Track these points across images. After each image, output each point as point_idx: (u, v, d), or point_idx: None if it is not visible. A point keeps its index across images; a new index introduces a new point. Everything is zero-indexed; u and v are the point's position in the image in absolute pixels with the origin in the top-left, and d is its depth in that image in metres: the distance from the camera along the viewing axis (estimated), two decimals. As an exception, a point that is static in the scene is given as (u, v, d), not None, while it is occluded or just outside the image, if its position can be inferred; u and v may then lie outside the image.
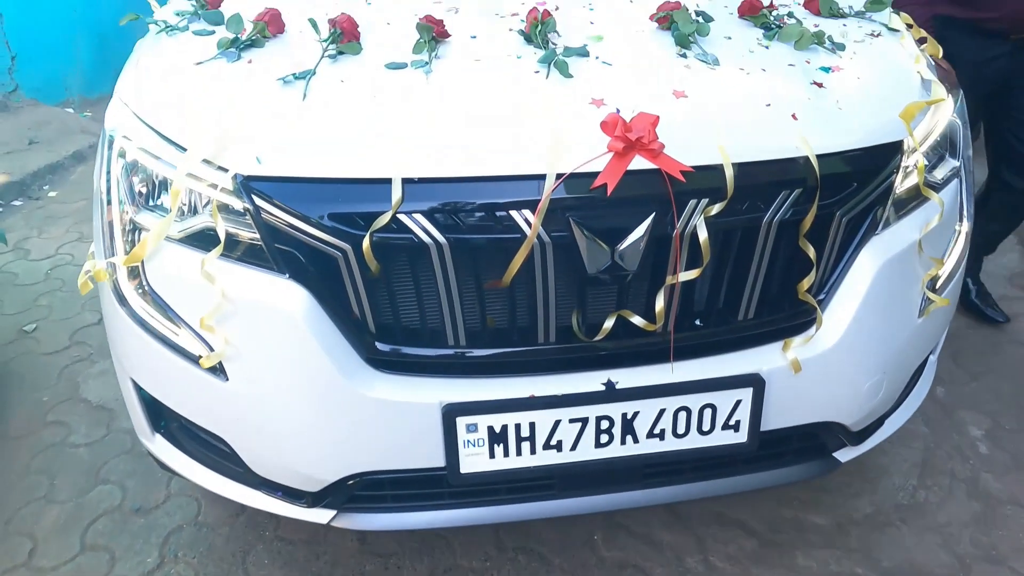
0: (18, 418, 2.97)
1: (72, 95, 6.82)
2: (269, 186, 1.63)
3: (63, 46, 6.67)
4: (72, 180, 5.39)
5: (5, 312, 3.65)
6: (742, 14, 2.10)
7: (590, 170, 1.57)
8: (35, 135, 5.90)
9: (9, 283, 3.85)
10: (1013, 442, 2.78)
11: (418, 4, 2.11)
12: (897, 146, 1.83)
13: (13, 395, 3.09)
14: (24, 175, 5.21)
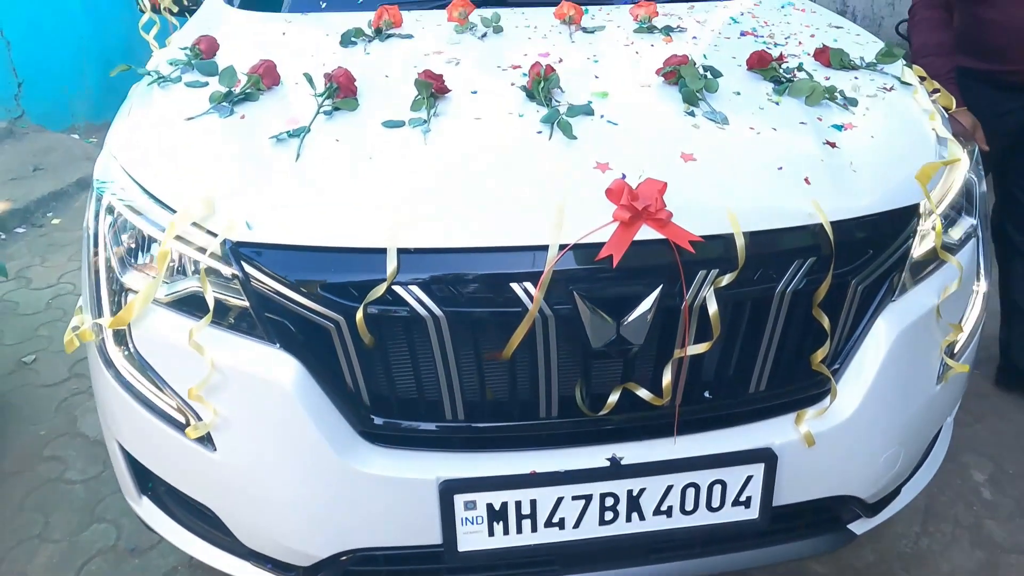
0: (14, 452, 2.90)
1: (78, 121, 6.79)
2: (259, 253, 1.55)
3: (69, 72, 6.65)
4: (76, 207, 5.33)
5: (4, 342, 3.57)
6: (751, 67, 2.02)
7: (595, 240, 1.47)
8: (40, 161, 5.86)
9: (10, 312, 3.79)
10: (1016, 487, 2.69)
11: (418, 55, 2.04)
12: (914, 209, 1.74)
13: (9, 428, 3.02)
14: (28, 202, 5.16)
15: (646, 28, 2.28)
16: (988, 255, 2.07)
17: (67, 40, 6.55)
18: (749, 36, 2.30)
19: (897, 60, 2.13)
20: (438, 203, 1.55)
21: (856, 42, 2.32)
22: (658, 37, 2.22)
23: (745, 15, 2.50)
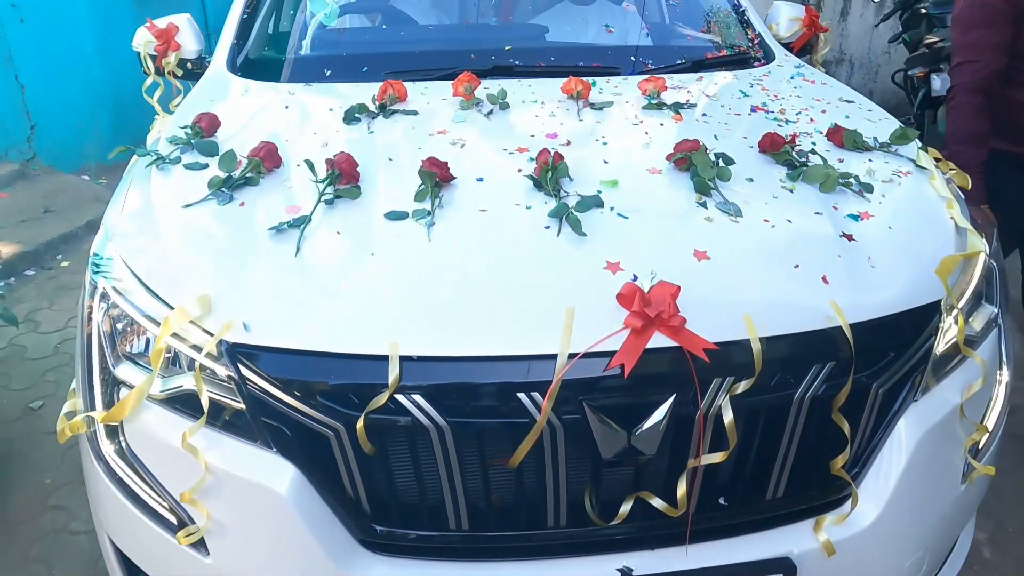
0: (19, 501, 2.84)
1: (88, 162, 6.76)
2: (257, 355, 1.46)
3: (81, 114, 6.64)
4: (85, 250, 5.24)
5: (12, 388, 3.51)
6: (763, 149, 1.94)
7: (605, 349, 1.38)
8: (50, 203, 5.84)
9: (18, 357, 3.74)
10: (1017, 546, 2.60)
11: (423, 134, 1.97)
12: (935, 306, 1.65)
13: (15, 476, 2.96)
14: (38, 244, 5.12)
15: (655, 105, 2.20)
16: (1011, 342, 1.98)
17: (80, 83, 6.55)
18: (760, 112, 2.22)
19: (911, 142, 2.05)
20: (442, 308, 1.46)
21: (868, 119, 2.23)
22: (667, 115, 2.14)
23: (755, 87, 2.43)
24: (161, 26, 2.77)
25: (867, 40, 7.09)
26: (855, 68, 7.58)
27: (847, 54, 7.58)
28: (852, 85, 7.42)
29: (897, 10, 5.84)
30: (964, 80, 2.63)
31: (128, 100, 7.01)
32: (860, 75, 7.55)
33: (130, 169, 2.06)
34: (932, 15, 5.48)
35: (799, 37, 2.99)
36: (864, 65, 7.47)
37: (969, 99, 2.61)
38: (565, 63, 2.52)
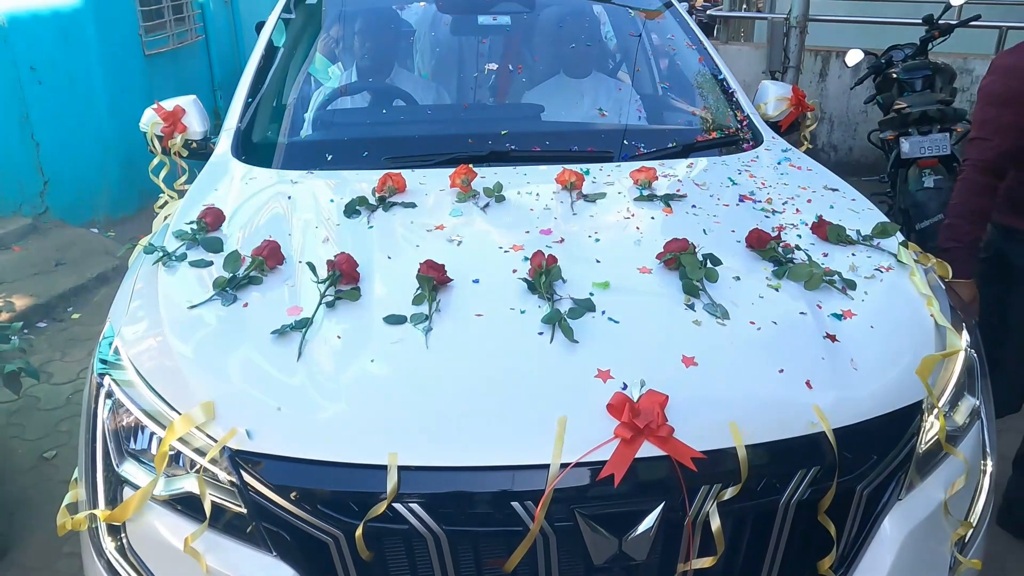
0: (34, 548, 2.87)
1: (98, 216, 6.79)
2: (258, 462, 1.46)
3: (91, 170, 6.69)
4: (95, 302, 5.30)
5: (26, 437, 3.55)
6: (750, 245, 1.94)
7: (596, 459, 1.39)
8: (62, 256, 5.84)
9: (31, 407, 3.77)
10: None
11: (421, 230, 1.98)
12: (917, 406, 1.65)
13: (30, 523, 2.98)
14: (50, 297, 5.13)
15: (646, 196, 2.19)
16: (992, 430, 1.97)
17: (91, 140, 6.60)
18: (748, 201, 2.22)
19: (891, 236, 2.05)
20: (439, 418, 1.46)
21: (852, 209, 2.23)
22: (658, 207, 2.14)
23: (743, 173, 2.43)
24: (168, 108, 2.76)
25: (845, 99, 7.14)
26: (835, 126, 7.63)
27: (827, 113, 7.64)
28: (832, 142, 7.54)
29: (870, 74, 5.91)
30: (973, 156, 2.60)
31: (136, 157, 7.04)
32: (840, 132, 7.61)
33: (135, 261, 2.06)
34: (902, 80, 5.54)
35: (787, 116, 3.00)
36: (843, 123, 7.53)
37: (975, 176, 2.58)
38: (560, 148, 2.53)
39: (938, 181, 5.11)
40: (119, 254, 2.13)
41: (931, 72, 5.51)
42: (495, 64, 3.13)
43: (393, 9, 3.36)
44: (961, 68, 6.97)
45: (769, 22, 7.56)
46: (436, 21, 3.38)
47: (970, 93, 7.05)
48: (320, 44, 3.17)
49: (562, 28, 3.22)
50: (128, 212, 7.11)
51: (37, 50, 5.96)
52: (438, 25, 3.37)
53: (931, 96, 5.34)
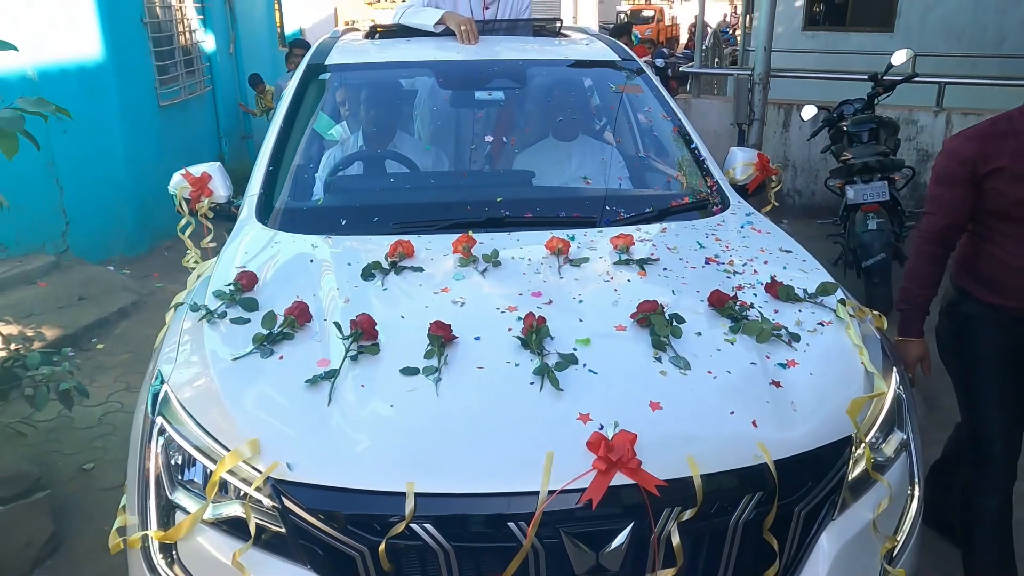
0: (84, 544, 3.18)
1: (114, 254, 7.00)
2: (297, 490, 1.67)
3: (109, 212, 6.89)
4: (116, 334, 5.53)
5: (65, 452, 3.84)
6: (711, 304, 2.13)
7: (577, 486, 1.61)
8: (84, 291, 6.04)
9: (67, 427, 3.98)
10: None
11: (429, 292, 2.17)
12: (847, 441, 1.87)
13: (78, 525, 3.30)
14: (76, 328, 5.34)
15: (624, 261, 2.36)
16: (919, 459, 2.16)
17: (109, 184, 6.79)
18: (712, 264, 2.40)
19: (832, 294, 2.26)
20: (447, 453, 1.68)
21: (802, 269, 2.44)
22: (634, 270, 2.31)
23: (710, 237, 2.60)
24: (196, 174, 2.93)
25: (807, 147, 7.38)
26: (798, 172, 7.89)
27: (791, 160, 7.90)
28: (796, 187, 7.79)
29: (824, 127, 6.18)
30: (924, 229, 2.67)
31: (149, 201, 7.28)
32: (802, 178, 7.86)
33: (175, 316, 2.26)
34: (850, 132, 5.80)
35: (753, 180, 3.14)
36: (805, 170, 7.78)
37: (925, 247, 2.66)
38: (549, 214, 2.72)
39: (880, 224, 5.38)
40: (167, 316, 2.30)
41: (876, 125, 5.79)
42: (491, 137, 3.31)
43: (398, 84, 3.55)
44: (907, 120, 7.27)
45: (735, 78, 7.83)
46: (436, 95, 3.55)
47: (916, 142, 7.34)
48: (332, 116, 3.37)
49: (550, 98, 3.42)
50: (142, 251, 7.30)
51: (63, 101, 6.19)
52: (438, 98, 3.55)
53: (873, 148, 5.61)
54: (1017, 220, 2.52)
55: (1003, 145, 2.50)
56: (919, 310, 2.67)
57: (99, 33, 6.64)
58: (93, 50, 6.60)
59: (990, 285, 2.64)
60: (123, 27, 6.93)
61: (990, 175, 2.51)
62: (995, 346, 2.65)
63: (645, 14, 32.37)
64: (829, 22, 14.63)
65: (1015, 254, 2.55)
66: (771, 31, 6.85)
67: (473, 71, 3.43)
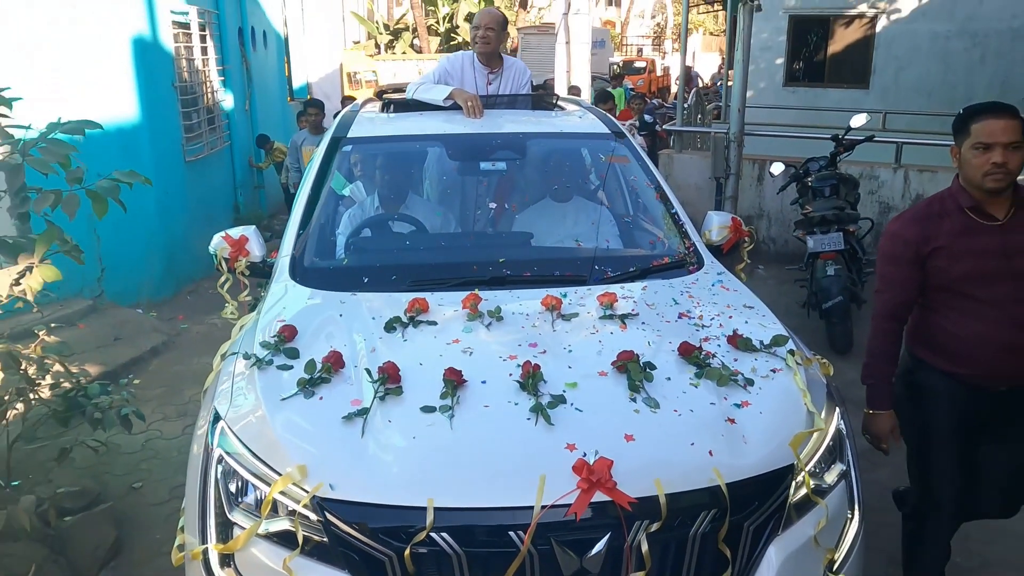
0: (140, 549, 3.60)
1: (141, 299, 7.29)
2: (338, 506, 1.96)
3: (140, 260, 7.16)
4: (150, 371, 5.85)
5: (116, 474, 4.24)
6: (681, 353, 2.40)
7: (565, 502, 1.91)
8: (118, 333, 6.33)
9: (116, 452, 4.28)
10: None
11: (442, 344, 2.44)
12: (789, 468, 2.14)
13: (132, 534, 3.70)
14: (115, 366, 5.66)
15: (608, 316, 2.60)
16: (859, 488, 2.40)
17: (141, 234, 7.07)
18: (684, 318, 2.65)
19: (784, 345, 2.50)
20: (461, 476, 1.99)
21: (761, 323, 2.67)
22: (616, 324, 2.56)
23: (684, 294, 2.85)
24: (235, 236, 3.20)
25: (780, 199, 7.66)
26: (772, 221, 8.20)
27: (765, 210, 8.22)
28: (771, 236, 8.12)
29: (791, 182, 6.57)
30: (878, 307, 2.77)
31: (176, 249, 7.59)
32: (776, 227, 8.16)
33: (224, 365, 2.55)
34: (814, 187, 6.20)
35: (728, 241, 3.33)
36: (779, 220, 8.09)
37: (881, 323, 2.76)
38: (545, 273, 2.96)
39: (837, 270, 5.74)
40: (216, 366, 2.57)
41: (837, 181, 6.19)
42: (494, 204, 3.61)
43: (411, 154, 3.85)
44: (869, 175, 7.64)
45: (713, 136, 8.21)
46: (446, 163, 3.80)
47: (878, 195, 7.69)
48: (354, 183, 3.69)
49: (547, 166, 3.72)
50: (167, 295, 7.61)
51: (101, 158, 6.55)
52: (447, 167, 3.80)
53: (831, 202, 6.00)
54: (960, 294, 2.64)
55: (940, 226, 2.63)
56: (884, 384, 2.76)
57: (136, 97, 7.05)
58: (130, 112, 6.98)
59: (941, 353, 2.73)
60: (157, 91, 7.31)
61: (932, 254, 2.63)
62: (947, 413, 2.74)
63: (637, 65, 32.47)
64: (808, 79, 15.05)
65: (961, 324, 2.65)
66: (744, 93, 7.22)
67: (479, 144, 3.71)
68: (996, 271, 2.59)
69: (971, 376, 2.68)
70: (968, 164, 2.57)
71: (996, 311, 2.60)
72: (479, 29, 4.22)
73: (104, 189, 3.06)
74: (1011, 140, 2.48)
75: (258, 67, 11.21)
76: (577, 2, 15.91)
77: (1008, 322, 2.59)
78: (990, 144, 2.49)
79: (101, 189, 3.06)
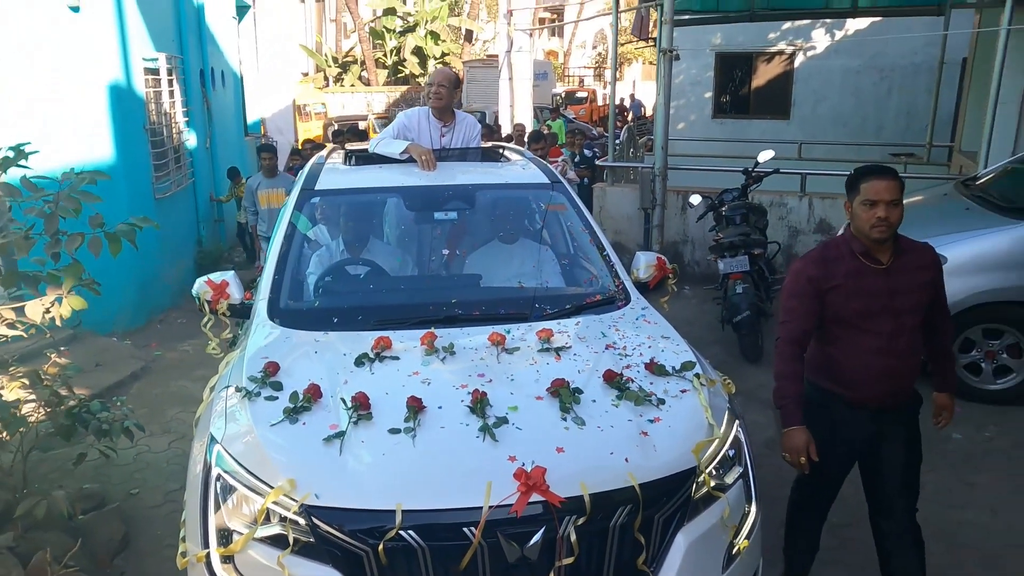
0: (144, 543, 3.97)
1: (117, 328, 7.43)
2: (323, 512, 2.26)
3: (115, 290, 7.26)
4: (132, 393, 6.04)
5: (113, 482, 4.54)
6: (606, 380, 2.68)
7: (507, 503, 2.23)
8: (99, 359, 6.52)
9: (110, 464, 4.48)
10: None
11: (404, 375, 2.73)
12: (692, 470, 2.46)
13: (137, 531, 4.07)
14: (100, 389, 5.84)
15: (545, 349, 2.88)
16: (756, 486, 2.71)
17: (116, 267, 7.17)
18: (611, 349, 2.93)
19: (691, 370, 2.81)
20: (422, 484, 2.30)
21: (675, 351, 2.96)
22: (552, 356, 2.85)
23: (611, 328, 3.12)
24: (216, 281, 3.42)
25: (702, 225, 8.09)
26: (695, 246, 8.60)
27: (689, 236, 8.62)
28: (696, 259, 8.60)
29: (708, 211, 7.05)
30: (783, 334, 2.94)
31: (148, 280, 7.75)
32: (699, 251, 8.52)
33: (213, 396, 2.80)
34: (727, 216, 6.71)
35: (654, 278, 3.60)
36: (701, 245, 8.46)
37: (787, 349, 2.92)
38: (492, 312, 3.22)
39: (745, 289, 6.22)
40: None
41: (747, 210, 6.71)
42: (447, 250, 3.89)
43: (373, 204, 4.12)
44: (778, 203, 8.14)
45: (640, 171, 8.66)
46: (403, 212, 4.05)
47: (787, 221, 8.19)
48: (322, 231, 3.96)
49: (495, 212, 4.02)
50: (140, 324, 7.75)
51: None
52: (405, 216, 4.05)
53: (738, 229, 6.51)
54: (854, 327, 2.89)
55: (837, 268, 2.87)
56: (794, 403, 2.88)
57: (112, 140, 7.27)
58: (107, 154, 7.20)
59: (836, 379, 2.98)
60: (130, 134, 7.51)
61: (830, 291, 2.87)
62: (837, 432, 2.97)
63: (579, 95, 32.75)
64: (735, 111, 15.72)
65: (850, 353, 2.91)
66: (667, 133, 7.69)
67: (433, 195, 3.97)
68: (881, 308, 2.85)
69: (855, 397, 2.95)
70: (858, 217, 2.83)
71: (879, 342, 2.87)
72: (432, 86, 4.53)
73: (122, 232, 3.44)
74: (892, 198, 2.76)
75: (218, 106, 11.37)
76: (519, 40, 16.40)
77: (888, 351, 2.87)
78: (876, 201, 2.76)
79: (120, 232, 3.44)
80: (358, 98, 25.93)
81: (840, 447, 3.01)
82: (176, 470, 4.64)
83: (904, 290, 2.87)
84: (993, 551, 3.75)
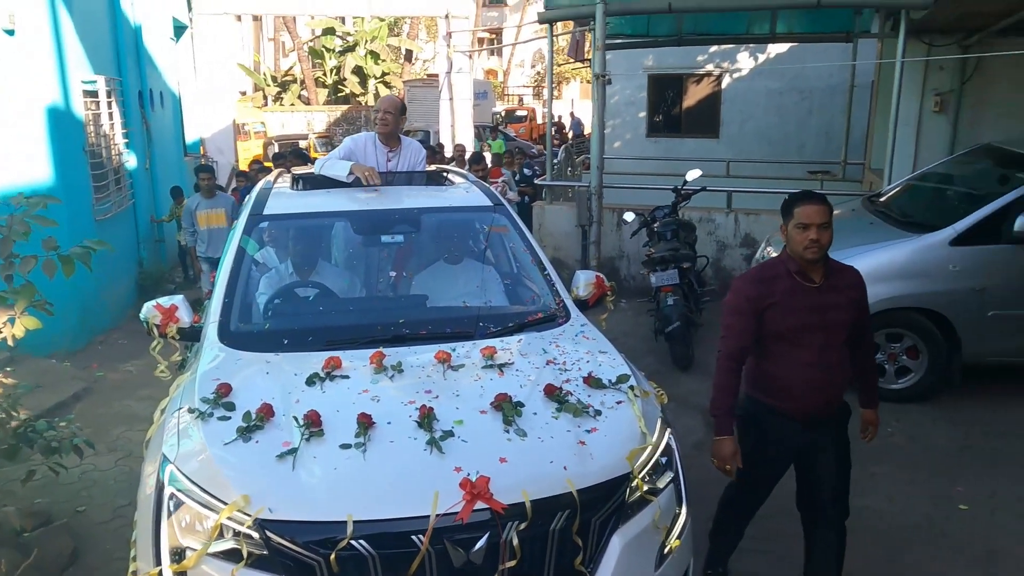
0: (92, 559, 3.96)
1: (57, 349, 7.26)
2: (276, 525, 2.32)
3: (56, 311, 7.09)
4: (76, 413, 5.89)
5: (60, 500, 4.48)
6: (546, 393, 2.80)
7: (453, 511, 2.33)
8: (38, 381, 6.27)
9: (55, 482, 4.39)
10: None
11: (354, 393, 2.80)
12: (626, 477, 2.58)
13: (85, 546, 4.05)
14: (42, 410, 5.69)
15: (489, 365, 2.97)
16: (687, 489, 2.85)
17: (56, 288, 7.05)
18: (551, 364, 3.03)
19: (626, 383, 2.93)
20: (373, 495, 2.38)
21: (611, 365, 3.08)
22: (495, 372, 2.94)
23: (551, 344, 3.24)
24: (165, 305, 3.42)
25: (636, 240, 8.18)
26: (631, 261, 8.79)
27: (625, 252, 8.81)
28: (631, 273, 8.83)
29: (641, 227, 7.27)
30: (723, 350, 3.08)
31: (89, 302, 7.62)
32: (635, 266, 8.66)
33: (165, 417, 2.82)
34: (658, 232, 6.94)
35: (593, 295, 3.73)
36: (636, 260, 8.58)
37: (725, 363, 3.06)
38: (438, 331, 3.32)
39: (675, 300, 6.45)
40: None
41: (677, 226, 6.94)
42: (394, 272, 3.97)
43: (320, 228, 4.17)
44: (707, 219, 8.42)
45: (577, 189, 8.86)
46: (351, 236, 4.09)
47: (716, 235, 8.47)
48: (271, 254, 3.99)
49: (440, 234, 4.11)
50: (80, 346, 7.62)
51: (22, 223, 6.65)
52: (352, 239, 4.10)
53: (669, 244, 6.75)
54: (790, 342, 3.04)
55: (775, 286, 3.02)
56: (727, 414, 3.07)
57: (51, 162, 7.16)
58: (46, 176, 7.09)
59: (772, 393, 3.13)
60: (70, 156, 7.41)
61: (768, 308, 3.01)
62: (771, 443, 3.13)
63: (519, 114, 32.96)
64: (667, 130, 16.14)
65: (785, 367, 3.07)
66: (602, 153, 7.90)
67: (380, 219, 4.06)
68: (815, 324, 3.02)
69: (790, 409, 3.11)
70: (792, 239, 3.00)
71: (812, 356, 3.04)
72: (379, 112, 4.64)
73: (77, 255, 3.43)
74: (823, 221, 2.93)
75: (157, 127, 11.23)
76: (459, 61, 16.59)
77: (820, 364, 3.04)
78: (808, 224, 2.93)
79: (75, 255, 3.43)
80: (298, 117, 25.76)
81: (773, 456, 3.18)
82: (124, 487, 4.63)
83: (834, 307, 3.04)
84: (888, 532, 4.12)
